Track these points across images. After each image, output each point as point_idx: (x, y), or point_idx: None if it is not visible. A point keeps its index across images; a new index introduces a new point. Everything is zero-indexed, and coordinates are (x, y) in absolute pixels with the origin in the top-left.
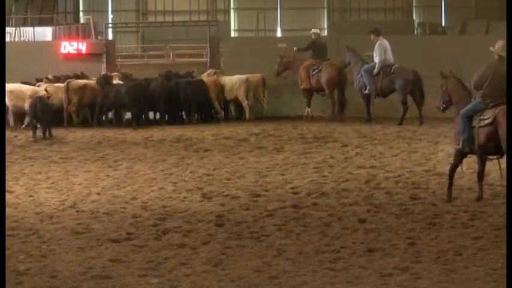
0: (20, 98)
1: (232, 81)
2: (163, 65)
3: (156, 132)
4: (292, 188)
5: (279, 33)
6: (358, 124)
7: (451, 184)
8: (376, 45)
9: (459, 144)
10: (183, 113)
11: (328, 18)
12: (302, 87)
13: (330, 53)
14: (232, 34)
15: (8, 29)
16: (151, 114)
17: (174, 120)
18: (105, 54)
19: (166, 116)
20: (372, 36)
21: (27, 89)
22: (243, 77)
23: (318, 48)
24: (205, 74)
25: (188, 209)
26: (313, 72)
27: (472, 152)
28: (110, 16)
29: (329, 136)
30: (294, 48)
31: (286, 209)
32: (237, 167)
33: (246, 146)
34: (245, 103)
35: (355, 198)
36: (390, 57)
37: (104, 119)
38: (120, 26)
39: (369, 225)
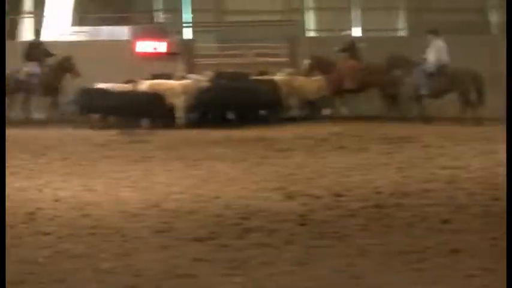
0: (171, 94)
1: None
2: (241, 64)
3: (236, 132)
4: (374, 188)
5: (356, 33)
6: (439, 124)
7: None
8: (432, 45)
9: None
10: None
11: (407, 18)
12: (347, 87)
13: (407, 53)
14: (310, 34)
15: (83, 28)
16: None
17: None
18: (183, 54)
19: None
20: (429, 36)
21: (178, 84)
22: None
23: (355, 48)
24: (280, 74)
25: (271, 208)
26: (360, 73)
27: None
28: (188, 15)
29: (411, 136)
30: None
31: (369, 209)
32: (319, 166)
33: (327, 146)
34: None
35: (438, 199)
36: (445, 57)
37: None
38: (198, 26)
39: (452, 225)
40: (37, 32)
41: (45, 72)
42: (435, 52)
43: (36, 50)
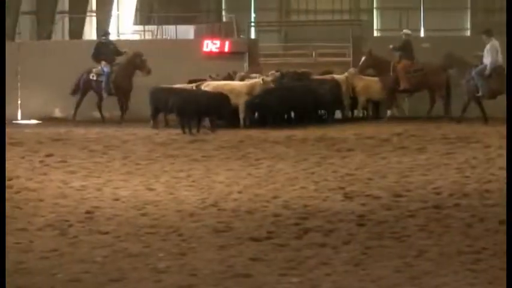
0: (235, 95)
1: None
2: (306, 64)
3: (297, 131)
4: (434, 189)
5: (422, 33)
6: (501, 125)
7: None
8: (488, 46)
9: None
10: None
11: (472, 18)
12: (402, 87)
13: (471, 53)
14: (375, 34)
15: (150, 27)
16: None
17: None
18: (247, 53)
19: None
20: (484, 37)
21: (241, 85)
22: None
23: (410, 48)
24: (346, 74)
25: (329, 208)
26: (415, 73)
27: None
28: (253, 15)
29: (472, 137)
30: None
31: (428, 209)
32: (379, 167)
33: (388, 146)
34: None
35: (497, 200)
36: (500, 58)
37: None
38: (262, 25)
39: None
40: (105, 31)
41: (115, 71)
42: (490, 53)
43: (105, 50)
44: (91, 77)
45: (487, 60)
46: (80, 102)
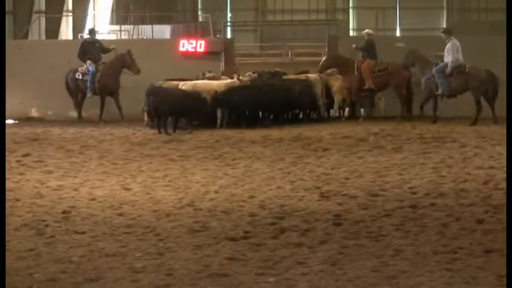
0: (210, 94)
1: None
2: (282, 63)
3: (274, 131)
4: (410, 188)
5: (398, 33)
6: (477, 125)
7: None
8: (449, 45)
9: None
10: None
11: (448, 18)
12: (366, 87)
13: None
14: (351, 33)
15: (126, 27)
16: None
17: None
18: (223, 53)
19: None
20: (444, 36)
21: (219, 85)
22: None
23: (373, 48)
24: (315, 74)
25: (306, 208)
26: (379, 73)
27: None
28: (229, 15)
29: (448, 136)
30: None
31: (404, 209)
32: (355, 166)
33: (364, 146)
34: None
35: (473, 199)
36: (461, 57)
37: None
38: (238, 25)
39: (487, 226)
40: (91, 30)
41: (100, 70)
42: (451, 51)
43: (91, 48)
44: (77, 76)
45: (447, 59)
46: (76, 101)
